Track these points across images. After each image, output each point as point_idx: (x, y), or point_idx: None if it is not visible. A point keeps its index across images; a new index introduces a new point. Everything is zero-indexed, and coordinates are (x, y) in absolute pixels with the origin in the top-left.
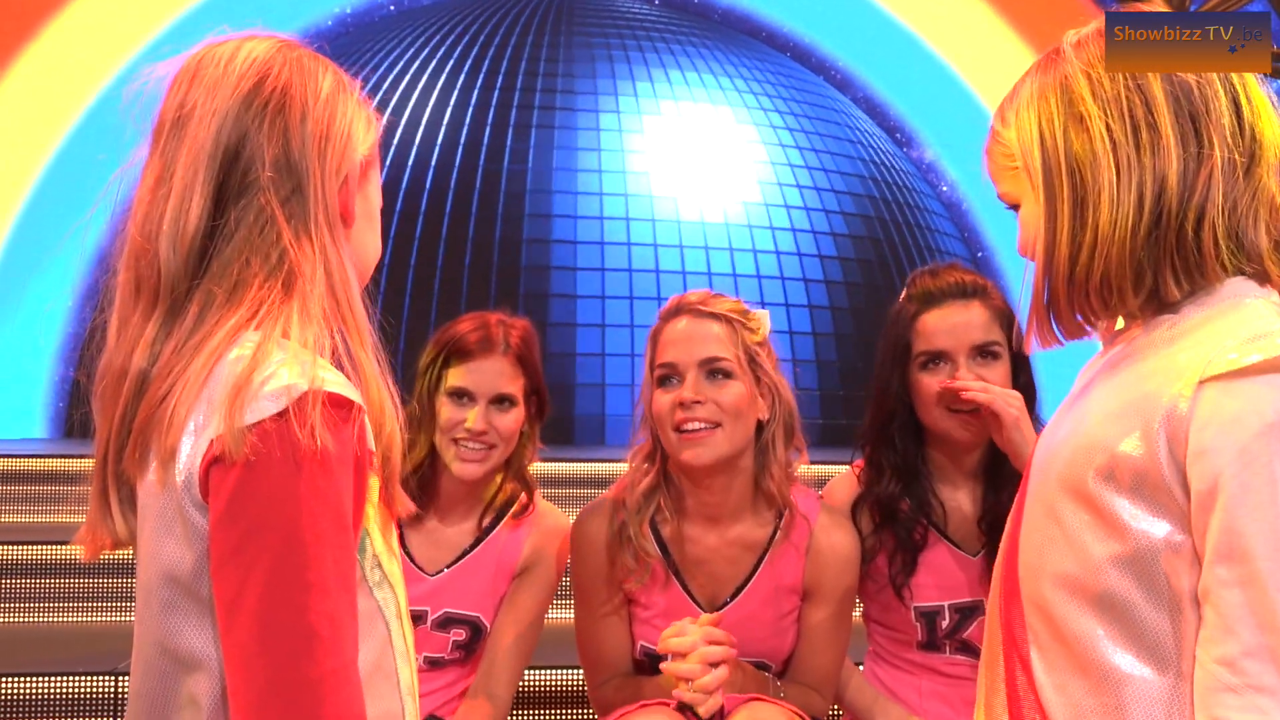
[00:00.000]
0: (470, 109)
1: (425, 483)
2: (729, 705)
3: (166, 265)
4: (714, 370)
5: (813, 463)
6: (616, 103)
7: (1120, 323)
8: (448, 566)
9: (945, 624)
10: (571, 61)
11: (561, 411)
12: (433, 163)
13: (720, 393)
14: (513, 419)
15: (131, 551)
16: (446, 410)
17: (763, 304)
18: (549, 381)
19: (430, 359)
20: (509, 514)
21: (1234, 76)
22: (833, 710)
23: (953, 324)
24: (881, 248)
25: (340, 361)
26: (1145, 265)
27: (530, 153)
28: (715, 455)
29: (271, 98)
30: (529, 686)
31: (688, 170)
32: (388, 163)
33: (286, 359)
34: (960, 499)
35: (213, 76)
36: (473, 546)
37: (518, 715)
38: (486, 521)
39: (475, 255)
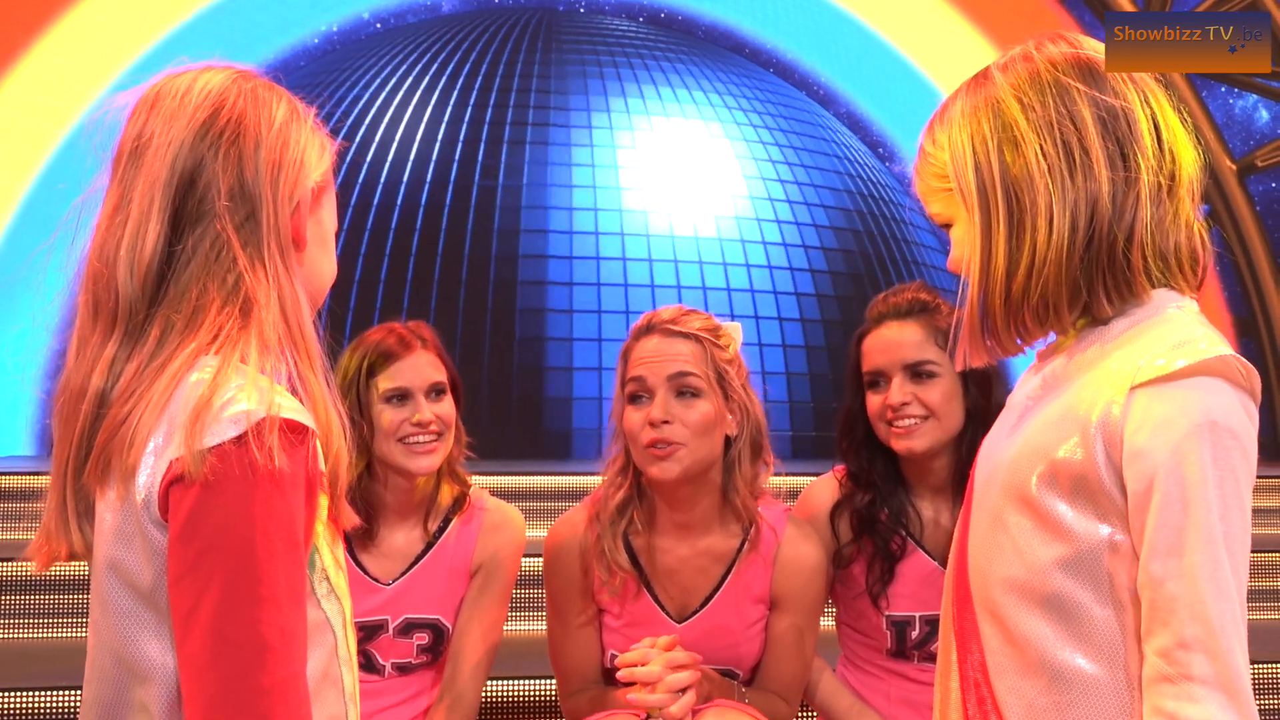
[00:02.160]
0: (445, 124)
1: (367, 496)
2: (695, 710)
3: (124, 289)
4: (683, 389)
5: (805, 474)
6: (600, 119)
7: (1052, 336)
8: (402, 575)
9: (915, 634)
10: (558, 79)
11: (559, 426)
12: (405, 178)
13: (688, 412)
14: (449, 406)
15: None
16: (387, 414)
17: (755, 318)
18: (547, 396)
19: (351, 376)
20: (458, 516)
21: (1151, 100)
22: (808, 714)
23: (886, 343)
24: (868, 261)
25: (293, 384)
26: (1080, 284)
27: (512, 169)
28: (679, 470)
29: (226, 127)
30: (499, 697)
31: (675, 185)
32: (381, 181)
33: (245, 384)
34: (938, 513)
35: (169, 107)
36: (424, 552)
37: None
38: (434, 526)
39: (443, 268)
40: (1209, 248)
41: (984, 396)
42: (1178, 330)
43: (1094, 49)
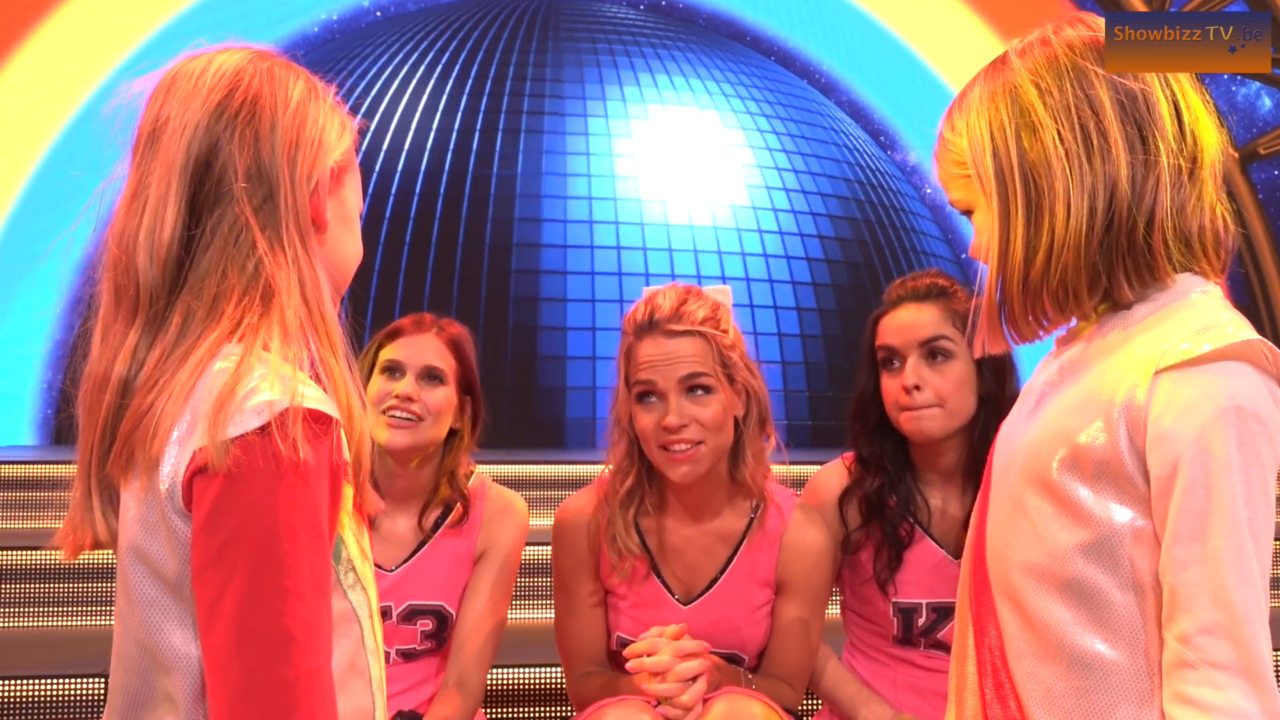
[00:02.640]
0: (459, 113)
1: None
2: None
3: (145, 276)
4: (693, 386)
5: (802, 463)
6: (605, 107)
7: (1074, 322)
8: (405, 561)
9: (922, 621)
10: (558, 66)
11: (553, 414)
12: (422, 168)
13: (701, 410)
14: (442, 397)
15: (114, 556)
16: (376, 384)
17: (750, 307)
18: (541, 384)
19: (366, 352)
20: (448, 521)
21: (1172, 82)
22: (814, 702)
23: (902, 323)
24: (867, 250)
25: (316, 370)
26: (1099, 269)
27: (519, 157)
28: (698, 471)
29: (242, 108)
30: (503, 684)
31: (675, 174)
32: (376, 169)
33: (268, 374)
34: (946, 501)
35: (185, 90)
36: (426, 539)
37: (492, 712)
38: (435, 514)
39: (465, 259)
40: (1233, 230)
41: (998, 384)
42: (1203, 315)
43: None
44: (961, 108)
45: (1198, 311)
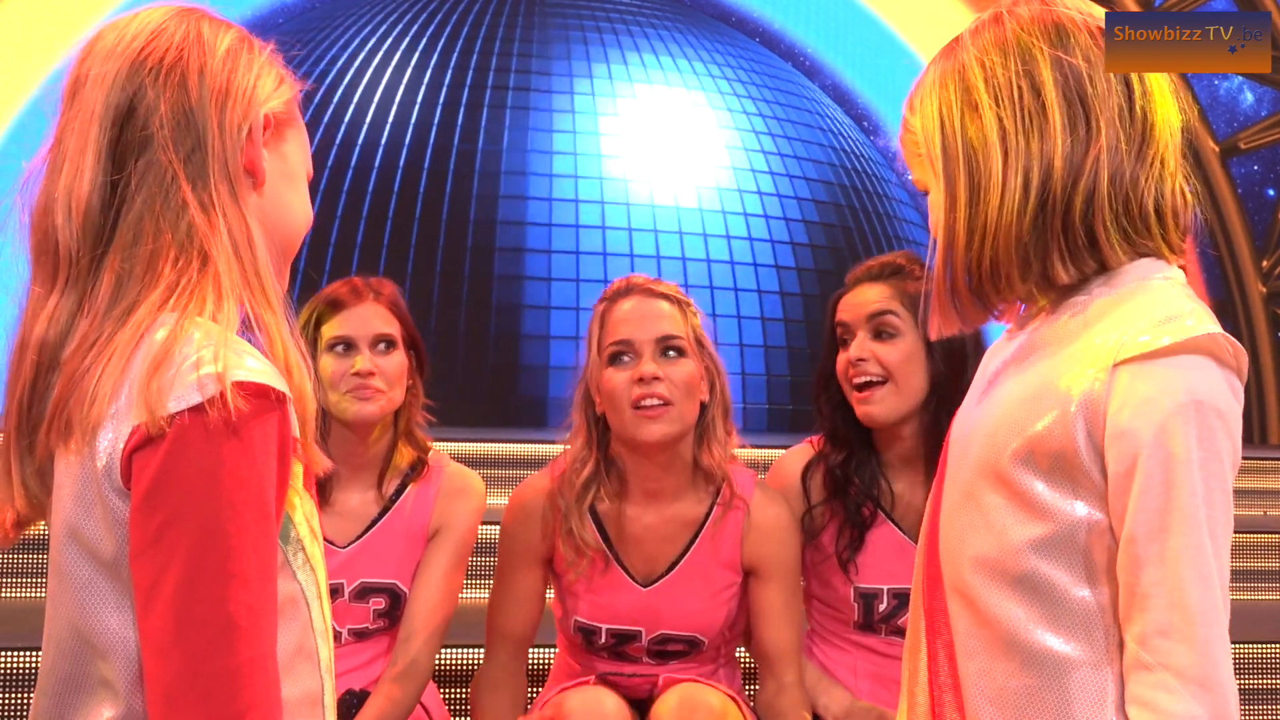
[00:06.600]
0: (443, 88)
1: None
2: (661, 685)
3: (63, 234)
4: (668, 347)
5: (779, 446)
6: (591, 85)
7: (1023, 308)
8: (358, 538)
9: (883, 607)
10: (544, 43)
11: (535, 393)
12: (405, 142)
13: (674, 370)
14: (397, 362)
15: (46, 529)
16: (329, 364)
17: (734, 290)
18: (523, 364)
19: (302, 324)
20: (411, 479)
21: None
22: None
23: (854, 301)
24: (850, 235)
25: (251, 328)
26: (1031, 251)
27: (504, 134)
28: (671, 431)
29: (167, 54)
30: (454, 664)
31: (660, 154)
32: (359, 142)
33: (209, 343)
34: (910, 487)
35: (108, 44)
36: (380, 515)
37: (446, 693)
38: (390, 488)
39: (449, 235)
40: (1192, 207)
41: (951, 367)
42: (1163, 304)
43: (1066, 7)
44: (918, 88)
45: (1157, 299)
